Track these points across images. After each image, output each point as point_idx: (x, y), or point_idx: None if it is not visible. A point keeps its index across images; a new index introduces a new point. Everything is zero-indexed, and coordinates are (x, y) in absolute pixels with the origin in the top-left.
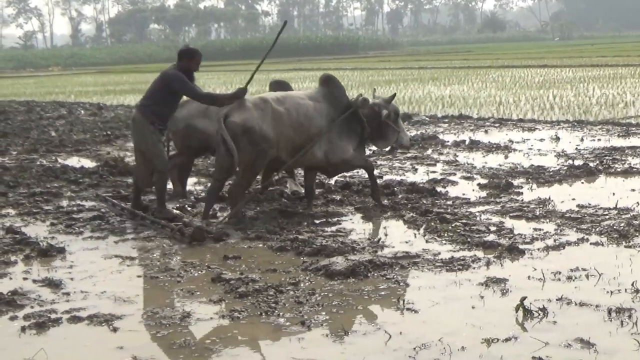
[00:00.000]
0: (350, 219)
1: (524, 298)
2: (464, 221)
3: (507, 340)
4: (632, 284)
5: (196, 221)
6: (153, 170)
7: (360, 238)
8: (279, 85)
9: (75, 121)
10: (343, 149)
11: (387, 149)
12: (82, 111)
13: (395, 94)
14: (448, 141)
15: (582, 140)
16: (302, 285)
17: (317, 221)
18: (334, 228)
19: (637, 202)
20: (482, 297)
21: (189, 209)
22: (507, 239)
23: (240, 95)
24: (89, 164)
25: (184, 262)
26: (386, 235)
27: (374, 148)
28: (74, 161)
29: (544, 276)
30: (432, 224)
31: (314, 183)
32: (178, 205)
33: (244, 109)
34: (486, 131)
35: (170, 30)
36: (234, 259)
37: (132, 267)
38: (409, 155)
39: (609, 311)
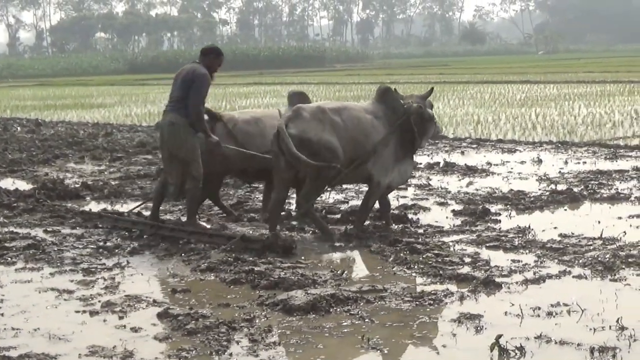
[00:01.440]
0: (312, 249)
1: (499, 336)
2: (436, 252)
3: None
4: (617, 321)
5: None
6: (187, 178)
7: (323, 269)
8: (299, 97)
9: (11, 139)
10: (387, 171)
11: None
12: (19, 128)
13: (432, 88)
14: (421, 163)
15: (566, 163)
16: (257, 321)
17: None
18: (293, 259)
19: (624, 232)
20: (454, 335)
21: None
22: (482, 272)
23: (213, 147)
24: (24, 186)
25: (127, 295)
26: (351, 266)
27: None
28: (8, 183)
29: (522, 312)
30: (402, 254)
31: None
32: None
33: (302, 118)
34: (463, 152)
35: (119, 39)
36: (182, 293)
37: (69, 301)
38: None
39: (592, 350)
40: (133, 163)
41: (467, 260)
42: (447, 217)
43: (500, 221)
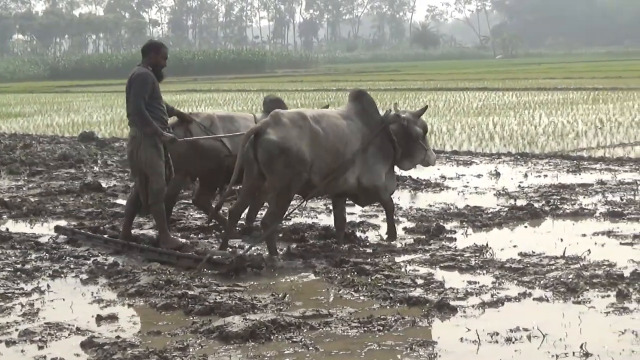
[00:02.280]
0: (252, 271)
1: None
2: (386, 273)
3: None
4: (581, 347)
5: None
6: (149, 191)
7: (263, 293)
8: (275, 103)
9: None
10: (378, 173)
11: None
12: None
13: (426, 107)
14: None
15: (526, 176)
16: (191, 350)
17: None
18: (230, 281)
19: (589, 250)
20: None
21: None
22: (436, 294)
23: (169, 144)
24: None
25: (47, 323)
26: (293, 289)
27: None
28: None
29: (479, 338)
30: (349, 276)
31: (344, 212)
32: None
33: (281, 125)
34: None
35: (38, 41)
36: (108, 320)
37: None
38: None
39: None
40: (54, 178)
41: (420, 282)
42: (398, 236)
43: (455, 239)
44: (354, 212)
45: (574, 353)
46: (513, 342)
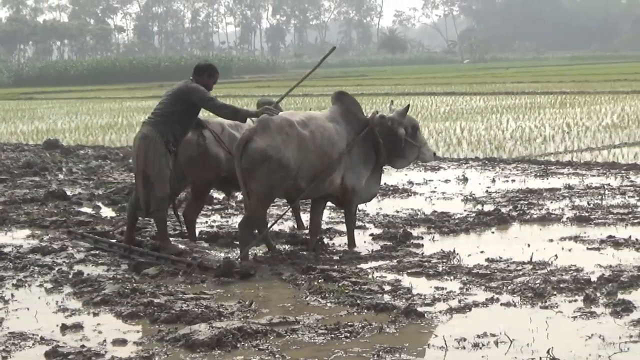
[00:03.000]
0: (218, 278)
1: None
2: (353, 279)
3: None
4: (549, 352)
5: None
6: (152, 199)
7: (229, 300)
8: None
9: None
10: (358, 175)
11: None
12: None
13: (409, 105)
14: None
15: (493, 181)
16: (156, 359)
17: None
18: (197, 289)
19: (556, 255)
20: None
21: None
22: (403, 300)
23: (267, 112)
24: None
25: (11, 333)
26: (260, 297)
27: None
28: None
29: (446, 344)
30: (315, 283)
31: (321, 217)
32: None
33: (268, 132)
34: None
35: (2, 48)
36: (73, 329)
37: None
38: None
39: None
40: (19, 186)
41: (387, 288)
42: (365, 242)
43: (422, 245)
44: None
45: (541, 358)
46: (480, 348)
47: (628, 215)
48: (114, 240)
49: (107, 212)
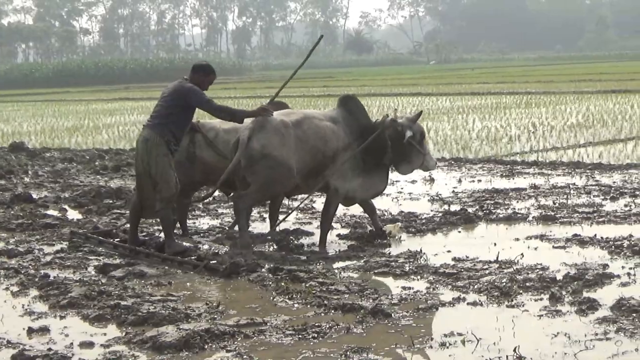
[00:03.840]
0: (185, 279)
1: None
2: (320, 280)
3: None
4: (515, 350)
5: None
6: (157, 198)
7: (196, 302)
8: (276, 106)
9: None
10: (344, 177)
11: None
12: None
13: (421, 112)
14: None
15: (459, 181)
16: None
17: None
18: (164, 291)
19: (522, 254)
20: None
21: None
22: (370, 300)
23: (263, 114)
24: None
25: None
26: (227, 298)
27: None
28: None
29: (413, 343)
30: (283, 283)
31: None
32: None
33: (264, 132)
34: None
35: None
36: (40, 332)
37: None
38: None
39: None
40: None
41: (354, 288)
42: (332, 242)
43: (389, 245)
44: (288, 220)
45: (507, 357)
46: (447, 347)
47: (593, 214)
48: (113, 241)
49: (73, 214)
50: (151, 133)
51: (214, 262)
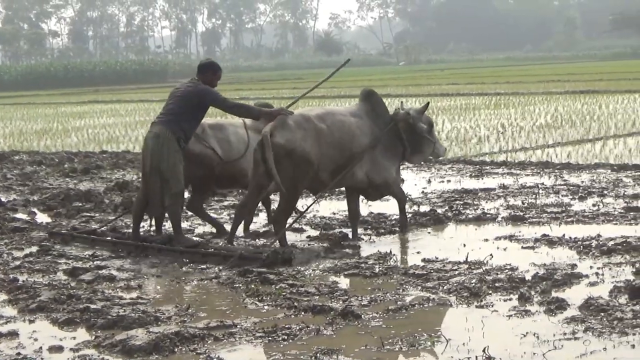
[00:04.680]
0: (155, 282)
1: None
2: (290, 282)
3: None
4: (484, 350)
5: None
6: (166, 193)
7: (166, 305)
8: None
9: None
10: (387, 169)
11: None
12: None
13: (428, 103)
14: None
15: (429, 182)
16: None
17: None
18: (134, 294)
19: (491, 254)
20: None
21: None
22: (340, 302)
23: (280, 114)
24: None
25: None
26: (197, 300)
27: None
28: None
29: (382, 344)
30: (253, 286)
31: (358, 206)
32: None
33: (287, 128)
34: None
35: None
36: (9, 337)
37: None
38: (225, 203)
39: None
40: None
41: (324, 290)
42: (301, 243)
43: (359, 247)
44: (256, 222)
45: (476, 357)
46: (417, 348)
47: (562, 214)
48: (112, 239)
49: (42, 218)
50: (163, 129)
51: (248, 253)
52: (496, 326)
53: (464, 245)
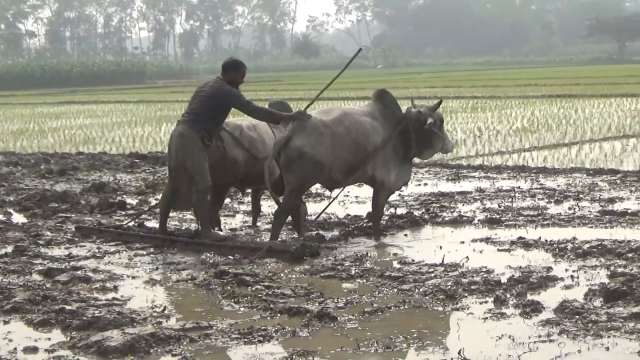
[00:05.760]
0: (131, 283)
1: None
2: (266, 283)
3: None
4: (459, 352)
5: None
6: (193, 190)
7: (142, 306)
8: (279, 107)
9: None
10: (389, 169)
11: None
12: None
13: (441, 101)
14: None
15: (406, 184)
16: None
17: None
18: (109, 295)
19: (467, 257)
20: None
21: None
22: (316, 304)
23: (299, 118)
24: None
25: None
26: (173, 302)
27: None
28: None
29: (358, 346)
30: (229, 287)
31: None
32: None
33: (303, 131)
34: None
35: None
36: None
37: None
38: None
39: None
40: None
41: (300, 291)
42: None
43: (335, 248)
44: (234, 224)
45: (452, 359)
46: (392, 350)
47: (538, 217)
48: (139, 232)
49: (18, 218)
50: (186, 128)
51: (277, 246)
52: (472, 328)
53: (440, 247)
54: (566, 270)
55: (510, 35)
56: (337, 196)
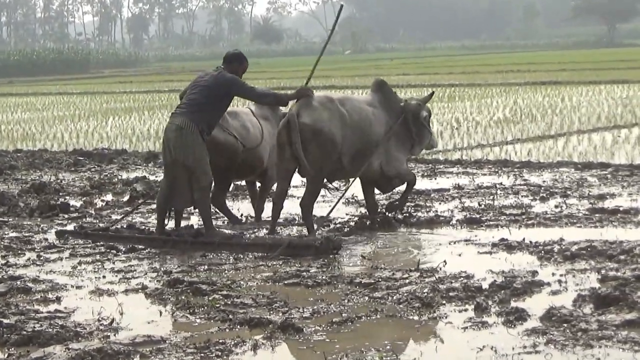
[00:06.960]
0: (75, 294)
1: None
2: (224, 292)
3: None
4: None
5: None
6: (194, 187)
7: (87, 319)
8: None
9: None
10: (399, 160)
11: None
12: None
13: (433, 92)
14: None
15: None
16: None
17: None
18: (51, 307)
19: (445, 261)
20: None
21: None
22: (280, 314)
23: (305, 94)
24: None
25: None
26: (122, 313)
27: None
28: None
29: None
30: (184, 297)
31: (374, 198)
32: None
33: (313, 108)
34: None
35: None
36: None
37: None
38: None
39: None
40: None
41: (262, 301)
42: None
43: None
44: (192, 225)
45: None
46: None
47: (521, 216)
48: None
49: None
50: (185, 121)
51: (298, 241)
52: (450, 339)
53: (416, 250)
54: (553, 274)
55: (489, 17)
56: (345, 191)
